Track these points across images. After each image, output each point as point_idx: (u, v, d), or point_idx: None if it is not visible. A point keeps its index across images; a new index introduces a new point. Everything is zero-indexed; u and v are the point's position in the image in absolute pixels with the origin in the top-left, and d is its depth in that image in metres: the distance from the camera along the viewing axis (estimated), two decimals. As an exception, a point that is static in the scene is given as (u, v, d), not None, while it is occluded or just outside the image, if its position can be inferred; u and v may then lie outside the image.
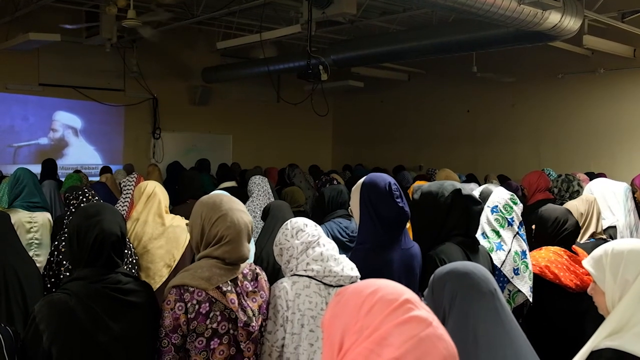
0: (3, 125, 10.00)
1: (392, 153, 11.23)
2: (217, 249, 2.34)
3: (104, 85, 10.56)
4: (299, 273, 2.50)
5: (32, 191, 4.52)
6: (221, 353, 2.30)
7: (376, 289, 1.21)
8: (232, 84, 11.54)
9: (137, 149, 11.14)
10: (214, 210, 2.38)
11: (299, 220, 2.61)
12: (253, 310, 2.38)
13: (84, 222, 2.23)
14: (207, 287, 2.27)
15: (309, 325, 2.43)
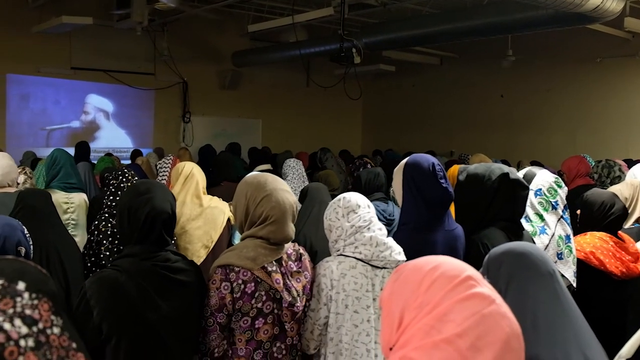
0: (36, 108, 10.10)
1: (423, 138, 11.11)
2: (261, 229, 2.33)
3: (134, 69, 10.59)
4: (345, 254, 2.48)
5: (69, 172, 4.55)
6: (265, 332, 2.31)
7: (437, 265, 1.19)
8: (262, 68, 11.50)
9: (167, 132, 11.19)
10: (258, 190, 2.37)
11: (353, 199, 2.56)
12: (297, 290, 2.37)
13: (135, 200, 2.23)
14: (252, 267, 2.27)
15: (353, 306, 2.41)
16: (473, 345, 1.08)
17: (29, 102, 10.01)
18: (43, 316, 0.92)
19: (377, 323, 2.43)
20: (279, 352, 2.35)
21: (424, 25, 8.00)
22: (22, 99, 9.94)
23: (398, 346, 1.16)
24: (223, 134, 11.13)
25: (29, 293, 0.93)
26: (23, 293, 0.93)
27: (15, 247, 2.02)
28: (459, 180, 2.97)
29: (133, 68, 10.57)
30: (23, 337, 0.87)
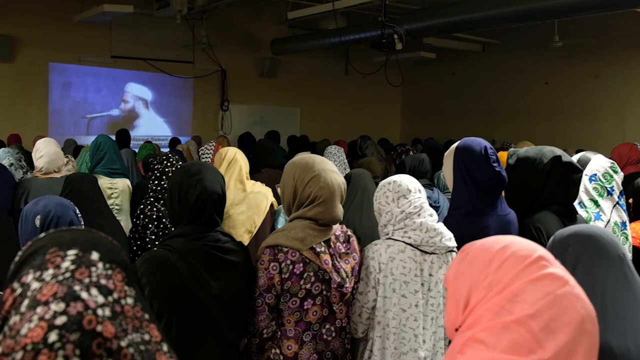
0: (77, 96, 10.24)
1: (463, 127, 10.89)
2: (310, 210, 2.31)
3: (173, 57, 10.66)
4: (394, 237, 2.44)
5: (113, 158, 4.59)
6: (314, 314, 2.30)
7: (507, 245, 1.15)
8: (300, 56, 11.46)
9: (206, 120, 11.24)
10: (306, 171, 2.35)
11: (403, 183, 2.51)
12: (346, 271, 2.35)
13: (185, 181, 2.22)
14: (301, 248, 2.25)
15: (401, 290, 2.38)
16: (546, 326, 1.04)
17: (70, 91, 10.16)
18: (117, 286, 0.92)
19: (425, 308, 2.41)
20: (328, 334, 2.34)
21: (466, 11, 7.83)
22: (64, 87, 10.09)
23: (465, 327, 1.13)
24: (261, 122, 11.13)
25: (103, 263, 0.93)
26: (97, 263, 0.92)
27: (68, 225, 2.01)
28: (509, 163, 2.91)
29: (172, 56, 10.63)
30: (100, 307, 0.87)
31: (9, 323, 0.87)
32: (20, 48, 9.39)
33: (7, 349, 0.83)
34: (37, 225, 2.00)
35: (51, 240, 0.95)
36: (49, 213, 2.02)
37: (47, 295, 0.86)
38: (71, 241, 0.95)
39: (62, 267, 0.90)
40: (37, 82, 9.67)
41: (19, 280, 0.92)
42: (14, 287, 0.91)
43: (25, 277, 0.91)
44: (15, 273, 0.94)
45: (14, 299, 0.90)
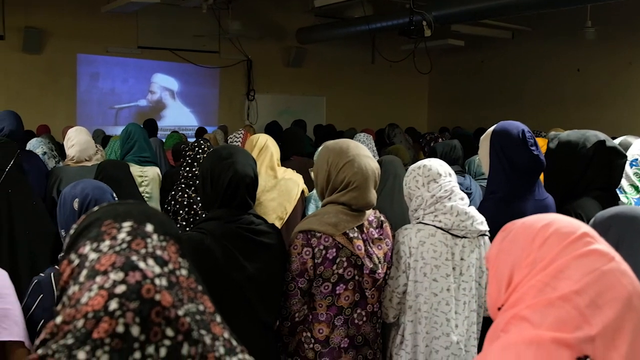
0: (105, 87, 10.31)
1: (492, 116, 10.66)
2: (343, 195, 2.29)
3: (199, 48, 10.66)
4: (425, 222, 2.42)
5: (143, 146, 4.61)
6: (346, 298, 2.29)
7: (550, 222, 1.14)
8: (326, 45, 11.39)
9: (232, 110, 11.25)
10: (340, 155, 2.33)
11: (433, 167, 2.49)
12: (379, 257, 2.34)
13: (217, 164, 2.23)
14: (334, 233, 2.24)
15: (432, 274, 2.36)
16: (592, 302, 1.02)
17: (98, 82, 10.23)
18: (172, 258, 0.93)
19: (457, 293, 2.39)
20: (359, 319, 2.33)
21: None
22: (92, 78, 10.16)
23: (508, 305, 1.12)
24: (287, 111, 11.10)
25: (157, 235, 0.94)
26: (152, 235, 0.93)
27: None
28: (550, 147, 2.86)
29: (198, 46, 10.64)
30: (157, 276, 0.88)
31: (68, 293, 0.89)
32: (49, 40, 9.47)
33: (68, 317, 0.85)
34: (76, 208, 2.00)
35: (105, 213, 0.97)
36: (87, 196, 2.02)
37: (106, 265, 0.88)
38: (125, 214, 0.96)
39: (118, 239, 0.91)
40: (65, 73, 9.75)
41: (75, 251, 0.93)
42: (71, 258, 0.93)
43: (82, 248, 0.92)
44: (71, 245, 0.95)
45: (71, 270, 0.91)
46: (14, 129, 4.30)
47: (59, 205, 2.08)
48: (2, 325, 1.85)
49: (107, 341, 0.82)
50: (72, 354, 0.82)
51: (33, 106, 9.07)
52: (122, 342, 0.83)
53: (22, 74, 9.29)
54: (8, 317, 1.87)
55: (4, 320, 1.86)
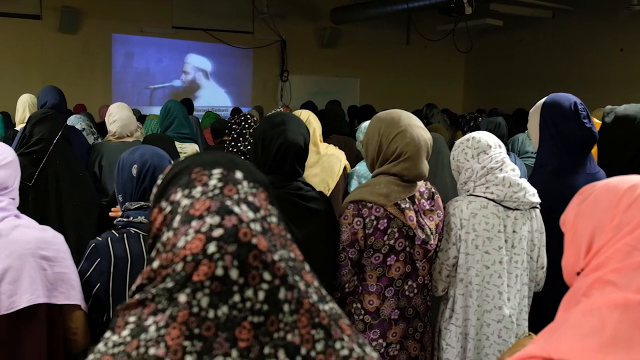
0: (139, 67, 10.36)
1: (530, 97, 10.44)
2: (395, 166, 2.27)
3: (233, 28, 10.63)
4: (476, 194, 2.38)
5: (182, 123, 4.62)
6: (397, 270, 2.28)
7: (635, 184, 1.10)
8: (361, 26, 11.28)
9: (265, 91, 11.24)
10: (392, 126, 2.30)
11: (483, 139, 2.44)
12: (430, 228, 2.31)
13: (269, 131, 2.23)
14: (385, 204, 2.22)
15: (484, 246, 2.33)
16: None
17: (133, 62, 10.28)
18: (262, 204, 0.93)
19: (509, 265, 2.36)
20: (410, 291, 2.32)
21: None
22: (127, 58, 10.22)
23: (589, 269, 1.08)
24: (320, 93, 11.04)
25: (247, 182, 0.94)
26: (242, 181, 0.93)
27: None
28: (605, 122, 2.79)
29: (232, 27, 10.61)
30: (252, 221, 0.88)
31: (162, 239, 0.89)
32: (84, 20, 9.53)
33: (165, 261, 0.85)
34: (134, 174, 2.00)
35: (193, 162, 0.96)
36: (146, 163, 2.02)
37: (201, 209, 0.87)
38: (213, 161, 0.95)
39: (209, 185, 0.91)
40: (100, 53, 9.82)
41: (167, 199, 0.93)
42: (162, 206, 0.93)
43: (173, 195, 0.92)
44: (161, 194, 0.95)
45: (164, 217, 0.91)
46: (57, 102, 4.34)
47: (117, 170, 2.07)
48: (59, 290, 1.86)
49: (207, 284, 0.83)
50: (173, 296, 0.83)
51: (69, 85, 9.11)
52: (222, 284, 0.83)
53: (59, 53, 9.37)
54: (65, 281, 1.88)
55: (62, 285, 1.87)
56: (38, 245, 1.85)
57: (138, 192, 2.02)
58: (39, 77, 8.71)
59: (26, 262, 1.80)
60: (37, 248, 1.84)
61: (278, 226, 0.92)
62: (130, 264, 1.93)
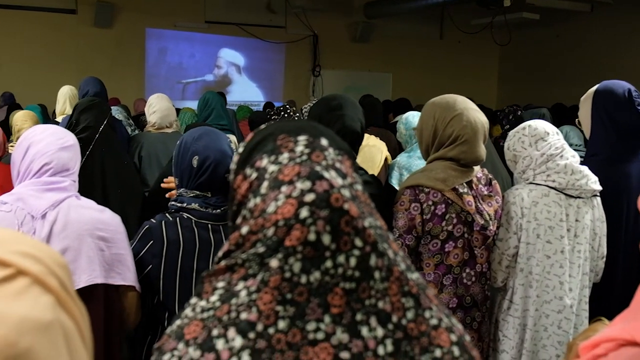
0: (172, 62, 10.41)
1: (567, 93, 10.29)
2: (451, 150, 2.21)
3: (266, 22, 10.64)
4: (536, 182, 2.32)
5: (220, 114, 4.61)
6: (455, 257, 2.22)
7: None
8: (394, 20, 11.20)
9: (297, 86, 11.22)
10: (448, 109, 2.25)
11: (539, 126, 2.40)
12: (489, 214, 2.25)
13: (326, 115, 2.18)
14: (443, 188, 2.17)
15: (545, 236, 2.27)
16: None
17: (166, 56, 10.35)
18: (348, 172, 0.90)
19: (571, 255, 2.29)
20: (468, 279, 2.26)
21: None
22: (160, 52, 10.29)
23: None
24: (352, 88, 10.98)
25: (333, 149, 0.92)
26: (328, 148, 0.91)
27: (223, 174, 1.98)
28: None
29: (265, 21, 10.62)
30: (341, 187, 0.86)
31: (248, 206, 0.88)
32: (119, 14, 9.62)
33: (255, 226, 0.84)
34: (194, 165, 1.95)
35: (277, 129, 0.95)
36: (208, 158, 1.96)
37: (290, 175, 0.86)
38: (298, 128, 0.94)
39: (296, 151, 0.89)
40: (134, 47, 9.90)
41: (252, 166, 0.91)
42: (247, 172, 0.91)
43: (258, 162, 0.91)
44: (244, 161, 0.93)
45: (249, 184, 0.90)
46: (98, 91, 4.36)
47: (177, 153, 2.03)
48: (116, 270, 1.86)
49: (300, 249, 0.81)
50: (264, 261, 0.82)
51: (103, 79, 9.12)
52: (314, 250, 0.81)
53: (94, 47, 9.47)
54: (122, 262, 1.88)
55: (118, 266, 1.87)
56: (96, 226, 1.86)
57: (195, 183, 1.99)
58: (74, 71, 8.80)
59: (84, 242, 1.82)
60: (95, 229, 1.85)
61: (363, 194, 0.90)
62: (182, 248, 1.92)
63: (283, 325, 0.79)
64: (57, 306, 0.67)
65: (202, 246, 1.93)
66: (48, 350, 0.63)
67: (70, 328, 0.68)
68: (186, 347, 0.80)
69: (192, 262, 1.93)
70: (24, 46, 9.07)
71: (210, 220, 1.96)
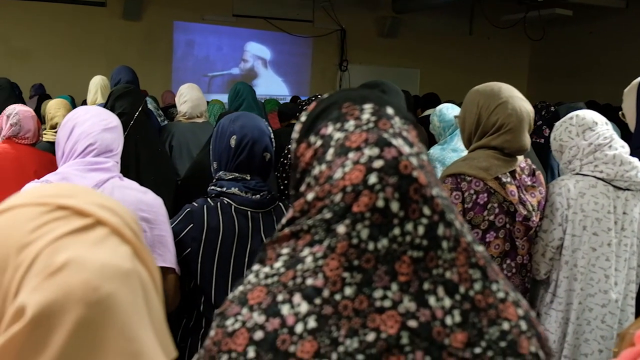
0: (199, 55, 10.44)
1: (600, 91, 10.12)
2: (495, 138, 2.17)
3: (293, 16, 10.62)
4: (583, 172, 2.27)
5: (251, 105, 4.60)
6: (496, 247, 2.17)
7: None
8: (423, 15, 11.11)
9: (324, 81, 11.18)
10: (492, 97, 2.20)
11: (587, 116, 2.34)
12: (532, 204, 2.20)
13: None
14: (485, 177, 2.12)
15: (592, 227, 2.21)
16: None
17: (193, 49, 10.38)
18: (414, 142, 0.88)
19: (617, 248, 2.24)
20: (508, 270, 2.21)
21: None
22: (188, 45, 10.32)
23: None
24: (380, 83, 10.92)
25: (399, 117, 0.90)
26: (394, 117, 0.90)
27: (262, 152, 1.97)
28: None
29: (292, 15, 10.60)
30: (409, 155, 0.84)
31: (313, 173, 0.87)
32: (147, 7, 9.67)
33: (321, 193, 0.83)
34: (232, 145, 1.95)
35: (341, 97, 0.93)
36: (245, 136, 1.96)
37: (358, 141, 0.85)
38: (363, 96, 0.92)
39: (362, 119, 0.88)
40: (162, 40, 9.94)
41: (316, 133, 0.90)
42: (311, 140, 0.90)
43: (323, 129, 0.90)
44: (308, 129, 0.92)
45: (314, 151, 0.89)
46: (131, 80, 4.37)
47: (214, 137, 2.04)
48: (157, 252, 1.85)
49: (367, 215, 0.80)
50: (331, 227, 0.80)
51: (132, 71, 9.28)
52: (382, 217, 0.80)
53: (122, 40, 9.52)
54: (163, 244, 1.87)
55: (159, 247, 1.86)
56: (139, 207, 1.86)
57: (234, 163, 1.97)
58: (103, 63, 8.84)
59: (127, 223, 1.79)
60: (137, 209, 1.85)
61: (429, 164, 0.88)
62: (221, 234, 1.90)
63: (350, 291, 0.78)
64: (134, 257, 0.69)
65: (241, 234, 1.92)
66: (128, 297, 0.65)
67: (146, 278, 0.70)
68: (250, 312, 0.80)
69: (230, 248, 1.92)
70: (53, 38, 9.15)
71: (249, 207, 1.95)
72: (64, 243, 0.64)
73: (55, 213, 0.66)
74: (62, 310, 0.60)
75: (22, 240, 0.63)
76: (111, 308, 0.63)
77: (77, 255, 0.63)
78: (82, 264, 0.62)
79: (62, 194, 0.69)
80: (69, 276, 0.61)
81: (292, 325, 0.77)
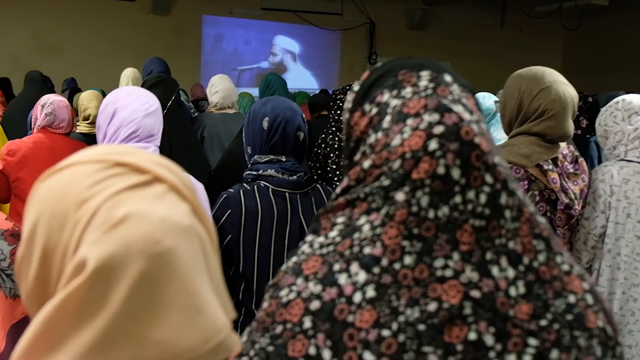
0: (228, 48, 10.45)
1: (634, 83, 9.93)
2: (537, 124, 2.11)
3: (322, 9, 10.57)
4: (628, 158, 2.21)
5: (282, 95, 4.55)
6: None
7: None
8: (453, 7, 11.00)
9: (353, 74, 11.10)
10: (535, 82, 2.14)
11: (634, 101, 2.28)
12: (575, 192, 2.13)
13: None
14: (526, 164, 2.07)
15: (637, 215, 2.15)
16: None
17: (222, 43, 10.39)
18: (474, 109, 0.85)
19: None
20: None
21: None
22: (216, 39, 10.34)
23: None
24: (409, 76, 10.84)
25: (457, 85, 0.87)
26: (452, 84, 0.86)
27: (295, 131, 1.96)
28: None
29: (320, 8, 10.56)
30: (470, 122, 0.81)
31: (368, 142, 0.85)
32: (176, 1, 9.72)
33: (379, 160, 0.81)
34: (265, 127, 1.94)
35: (397, 65, 0.90)
36: (278, 116, 1.95)
37: (417, 107, 0.82)
38: (419, 64, 0.89)
39: (420, 86, 0.85)
40: (191, 34, 9.97)
41: (371, 101, 0.88)
42: (366, 108, 0.88)
43: (379, 97, 0.87)
44: (362, 97, 0.90)
45: (369, 119, 0.87)
46: (163, 70, 4.37)
47: (247, 122, 2.03)
48: None
49: (428, 182, 0.77)
50: (389, 195, 0.78)
51: (161, 65, 9.32)
52: (443, 184, 0.77)
53: (151, 34, 9.57)
54: None
55: None
56: (182, 188, 1.83)
57: (268, 145, 1.96)
58: (132, 57, 8.89)
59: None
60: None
61: (488, 133, 0.85)
62: (260, 218, 1.88)
63: (409, 260, 0.76)
64: (192, 214, 0.68)
65: (280, 216, 1.90)
66: (187, 252, 0.64)
67: (204, 237, 0.69)
68: (305, 282, 0.78)
69: (270, 232, 1.90)
70: (84, 33, 9.23)
71: (287, 188, 1.93)
72: (124, 197, 0.63)
73: (114, 169, 0.66)
74: (123, 263, 0.59)
75: (80, 196, 0.63)
76: (172, 262, 0.62)
77: (137, 209, 0.62)
78: (143, 217, 0.62)
79: (119, 152, 0.69)
80: (129, 229, 0.61)
81: (350, 294, 0.75)
